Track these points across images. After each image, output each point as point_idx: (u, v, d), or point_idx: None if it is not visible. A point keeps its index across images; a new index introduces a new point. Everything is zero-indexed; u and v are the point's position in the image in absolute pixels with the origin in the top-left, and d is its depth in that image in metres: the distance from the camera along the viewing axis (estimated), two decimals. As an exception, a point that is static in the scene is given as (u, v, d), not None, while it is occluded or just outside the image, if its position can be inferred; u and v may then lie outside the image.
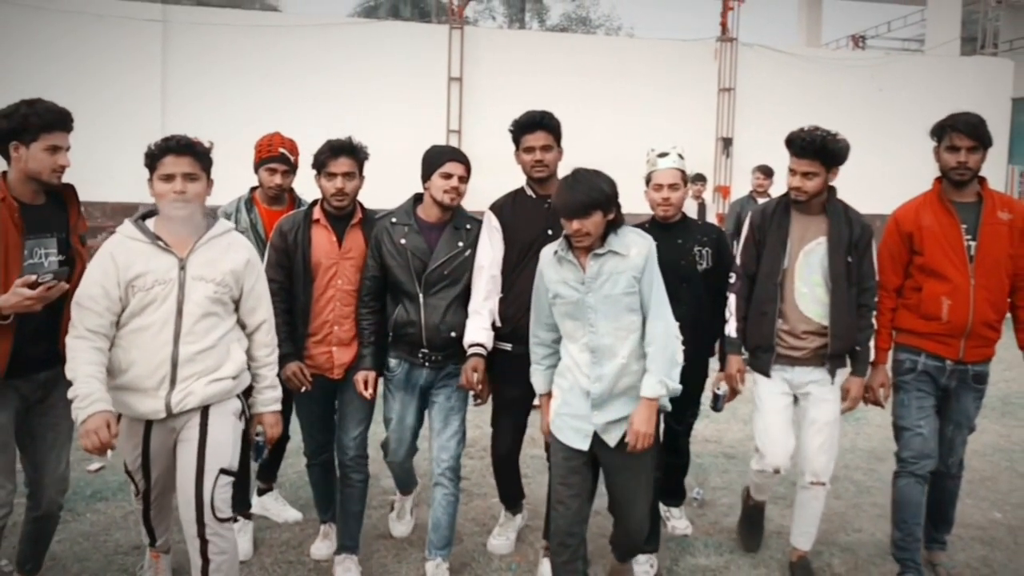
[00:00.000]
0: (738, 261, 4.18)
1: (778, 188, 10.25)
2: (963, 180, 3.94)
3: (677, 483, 4.75)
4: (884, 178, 3.85)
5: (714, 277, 4.26)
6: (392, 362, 4.06)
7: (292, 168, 4.54)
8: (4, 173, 3.45)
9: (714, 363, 4.34)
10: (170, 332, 3.26)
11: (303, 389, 3.99)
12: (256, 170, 4.55)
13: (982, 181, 4.01)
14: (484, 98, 17.16)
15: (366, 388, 3.96)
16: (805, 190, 3.94)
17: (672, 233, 4.25)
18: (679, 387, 3.48)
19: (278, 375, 3.64)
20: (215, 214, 3.51)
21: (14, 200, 3.37)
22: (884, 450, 3.98)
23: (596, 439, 3.50)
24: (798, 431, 4.07)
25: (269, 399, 3.59)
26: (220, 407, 3.39)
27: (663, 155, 4.24)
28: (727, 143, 17.56)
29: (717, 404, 4.25)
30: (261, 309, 3.54)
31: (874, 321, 4.05)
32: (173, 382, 3.27)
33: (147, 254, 3.28)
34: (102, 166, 13.98)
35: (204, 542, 3.28)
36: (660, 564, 4.22)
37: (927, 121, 4.04)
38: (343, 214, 4.04)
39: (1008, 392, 3.95)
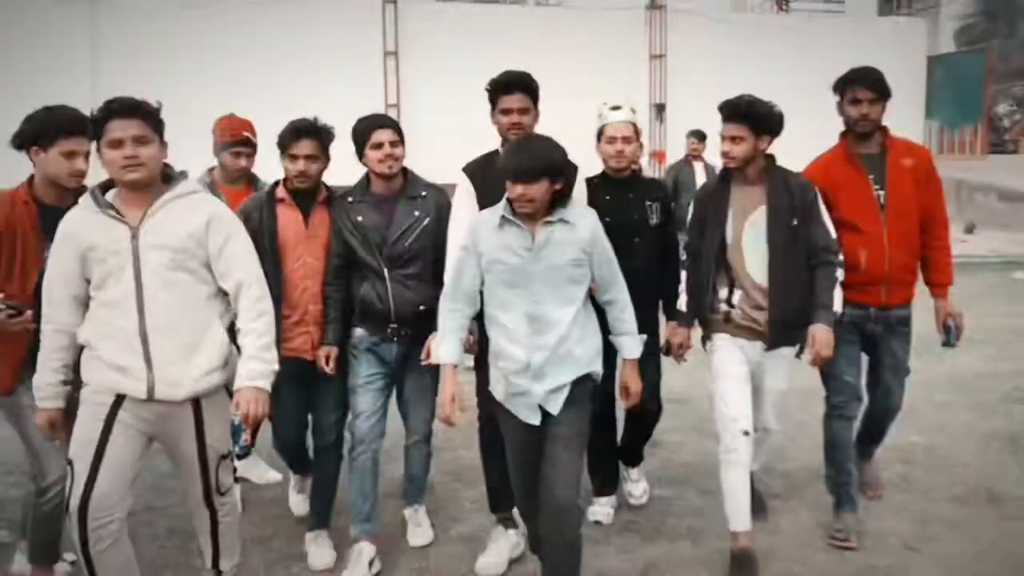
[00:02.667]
0: (688, 239, 4.21)
1: (712, 151, 10.71)
2: (866, 131, 4.13)
3: (636, 445, 4.70)
4: (811, 137, 4.13)
5: (662, 232, 4.33)
6: (358, 333, 3.98)
7: (255, 150, 4.71)
8: (33, 176, 3.58)
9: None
10: (132, 305, 3.08)
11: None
12: (217, 153, 4.69)
13: (885, 131, 4.21)
14: (420, 72, 17.35)
15: (327, 364, 3.93)
16: (733, 155, 3.97)
17: (624, 187, 4.28)
18: (643, 340, 3.62)
19: (267, 347, 3.26)
20: (179, 175, 3.31)
21: (35, 203, 3.50)
22: (817, 388, 4.37)
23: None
24: (752, 395, 4.08)
25: (249, 372, 3.20)
26: (211, 398, 3.26)
27: (616, 108, 4.27)
28: (660, 109, 18.02)
29: (668, 349, 4.31)
30: (236, 271, 3.23)
31: (838, 274, 4.00)
32: (148, 359, 3.09)
33: (99, 225, 3.12)
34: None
35: (213, 511, 3.40)
36: (618, 498, 4.61)
37: (848, 80, 4.17)
38: (307, 193, 4.01)
39: (927, 332, 4.34)
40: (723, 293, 4.04)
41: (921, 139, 20.78)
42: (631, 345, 3.58)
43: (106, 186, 3.23)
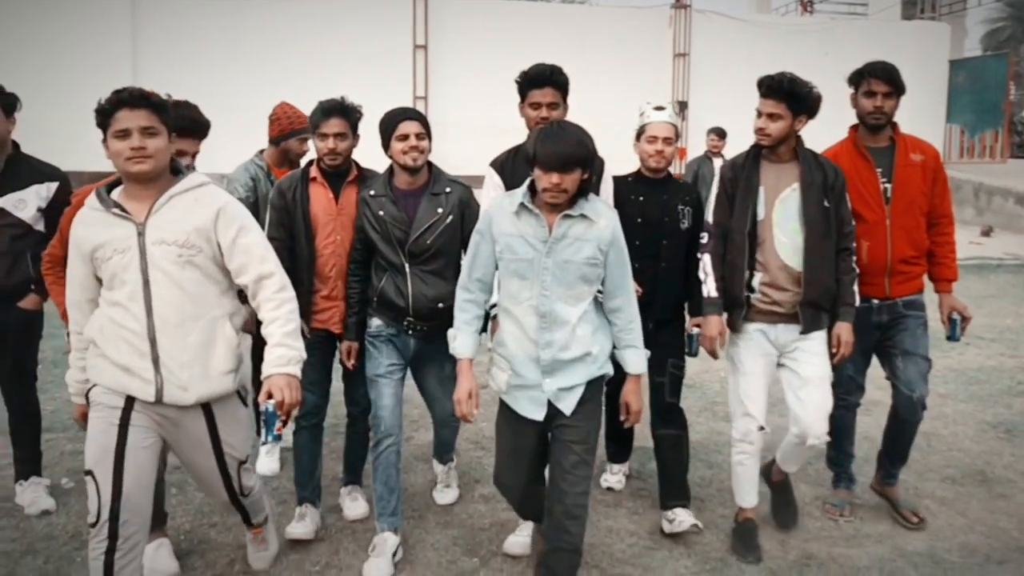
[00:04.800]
0: (710, 219, 4.10)
1: (731, 149, 10.98)
2: (879, 124, 4.16)
3: (678, 474, 4.34)
4: (831, 137, 4.29)
5: (690, 236, 4.22)
6: (375, 323, 4.01)
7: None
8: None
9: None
10: (140, 306, 3.00)
11: None
12: (281, 139, 4.92)
13: (895, 127, 4.24)
14: (449, 65, 17.65)
15: (349, 358, 4.08)
16: (768, 132, 3.92)
17: (658, 189, 4.22)
18: (647, 354, 3.49)
19: (293, 335, 3.18)
20: (185, 170, 3.22)
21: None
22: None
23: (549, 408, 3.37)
24: (787, 393, 4.06)
25: (278, 359, 3.09)
26: (223, 402, 3.19)
27: (659, 108, 4.19)
28: (683, 106, 18.26)
29: (692, 348, 4.25)
30: (253, 264, 3.13)
31: (855, 265, 4.04)
32: (156, 363, 3.01)
33: (105, 223, 3.03)
34: (78, 136, 14.26)
35: (241, 507, 3.50)
36: (630, 467, 4.92)
37: (874, 83, 4.14)
38: (339, 172, 4.10)
39: (932, 327, 4.50)
40: (744, 276, 3.99)
41: (941, 142, 20.93)
42: (635, 360, 3.43)
43: (112, 186, 3.17)
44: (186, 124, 3.69)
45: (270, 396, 3.01)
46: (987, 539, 4.23)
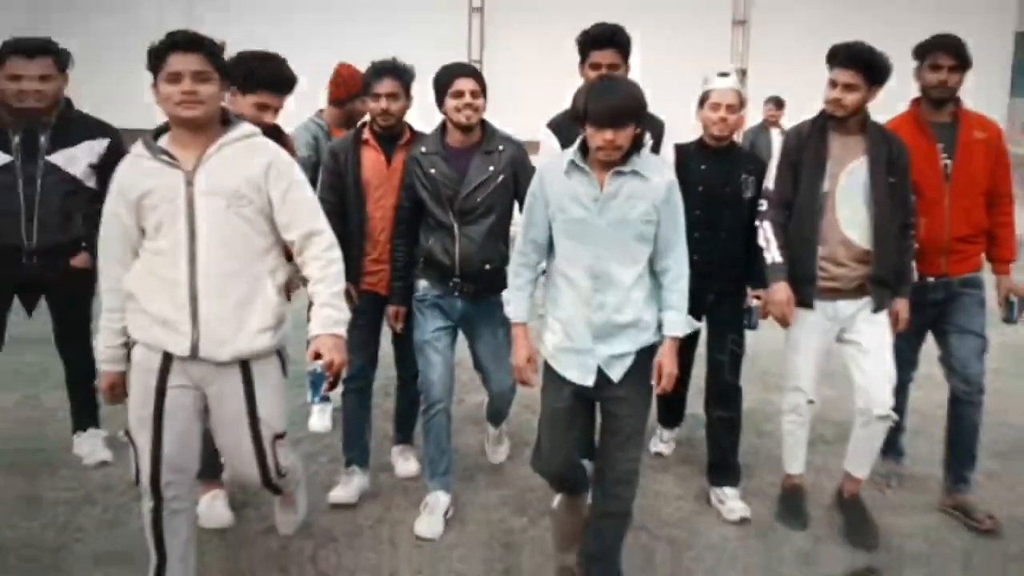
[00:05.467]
0: (770, 186, 4.02)
1: (789, 119, 10.83)
2: (943, 98, 4.06)
3: (728, 453, 4.33)
4: (893, 109, 4.21)
5: (753, 207, 4.11)
6: (422, 285, 3.99)
7: None
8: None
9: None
10: (183, 256, 2.91)
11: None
12: (343, 103, 4.96)
13: (958, 102, 4.14)
14: (505, 29, 17.56)
15: (396, 322, 4.07)
16: (844, 103, 3.82)
17: (721, 157, 4.13)
18: (699, 325, 3.36)
19: (339, 296, 3.13)
20: (235, 119, 3.13)
21: None
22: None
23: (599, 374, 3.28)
24: (850, 367, 4.01)
25: (326, 319, 3.03)
26: (262, 364, 3.06)
27: (724, 75, 4.12)
28: (742, 74, 18.02)
29: (751, 320, 4.18)
30: (303, 219, 3.06)
31: (914, 241, 3.99)
32: (195, 316, 2.93)
33: (153, 171, 2.94)
34: (136, 95, 14.52)
35: (277, 490, 3.33)
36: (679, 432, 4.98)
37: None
38: (392, 135, 4.08)
39: (990, 308, 4.29)
40: (816, 251, 3.91)
41: (1005, 117, 20.37)
42: (677, 321, 3.26)
43: (159, 133, 3.06)
44: (272, 78, 3.70)
45: (318, 356, 2.98)
46: (1032, 514, 4.25)
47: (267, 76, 3.65)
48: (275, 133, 3.94)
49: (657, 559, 3.85)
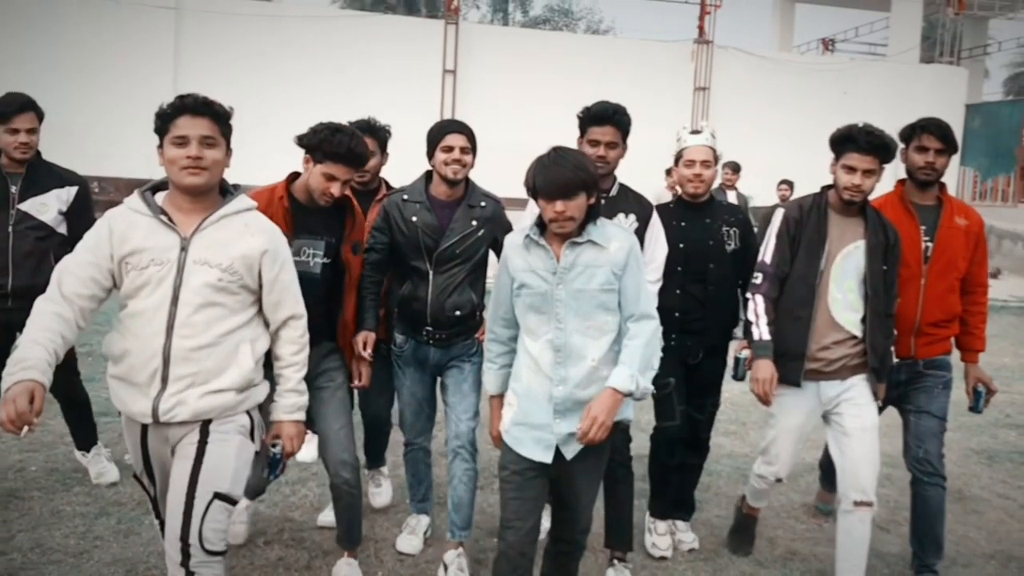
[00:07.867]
0: (767, 260, 3.96)
1: (744, 183, 11.38)
2: (929, 180, 4.02)
3: (687, 491, 4.57)
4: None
5: (739, 259, 4.16)
6: (399, 338, 4.09)
7: None
8: (297, 174, 3.73)
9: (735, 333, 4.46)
10: (163, 321, 2.85)
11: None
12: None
13: (942, 187, 4.14)
14: (477, 90, 18.18)
15: (364, 348, 3.91)
16: (864, 189, 3.77)
17: (701, 212, 4.18)
18: (650, 388, 3.12)
19: (302, 381, 3.21)
20: (234, 189, 3.10)
21: (289, 201, 3.62)
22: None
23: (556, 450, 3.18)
24: (833, 447, 3.97)
25: (289, 406, 3.12)
26: (222, 422, 2.95)
27: (696, 132, 4.16)
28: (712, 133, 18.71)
29: (738, 371, 4.13)
30: (288, 302, 3.09)
31: (894, 329, 4.01)
32: (165, 380, 2.86)
33: (147, 229, 2.88)
34: (117, 143, 14.89)
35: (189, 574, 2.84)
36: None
37: (887, 124, 3.94)
38: (367, 190, 4.27)
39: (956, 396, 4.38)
40: (808, 329, 3.86)
41: (955, 185, 21.29)
42: (620, 374, 3.06)
43: (155, 189, 3.03)
44: (343, 151, 3.59)
45: (276, 438, 3.15)
46: (956, 546, 4.67)
47: (338, 148, 3.57)
48: (371, 194, 4.31)
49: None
